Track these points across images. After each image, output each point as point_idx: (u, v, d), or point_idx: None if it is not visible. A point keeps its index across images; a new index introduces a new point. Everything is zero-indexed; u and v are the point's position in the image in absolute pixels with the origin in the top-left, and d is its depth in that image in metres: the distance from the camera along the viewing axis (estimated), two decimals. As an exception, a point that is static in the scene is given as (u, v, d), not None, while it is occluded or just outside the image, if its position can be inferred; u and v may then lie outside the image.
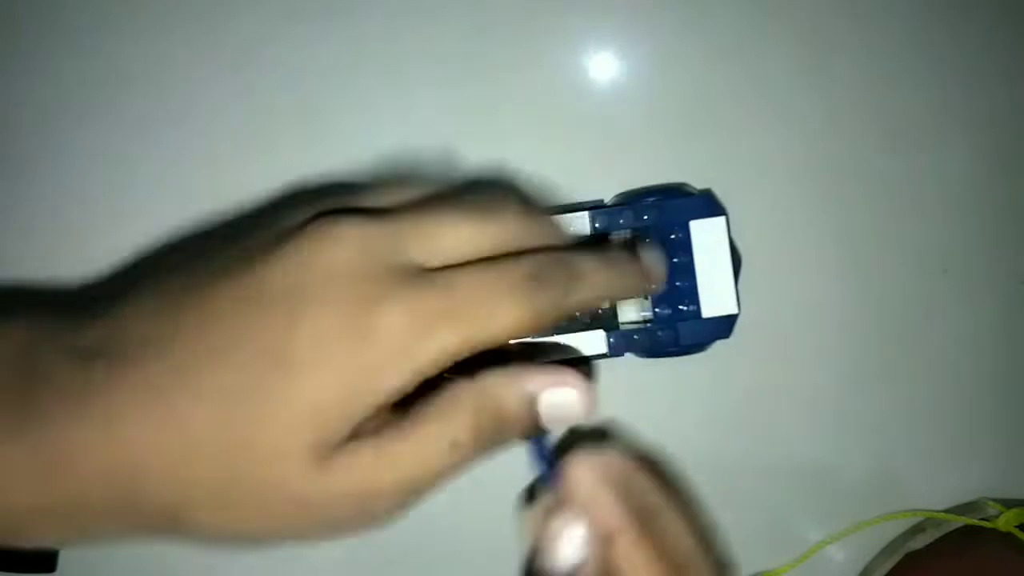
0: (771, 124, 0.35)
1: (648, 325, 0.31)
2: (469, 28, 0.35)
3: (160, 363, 0.20)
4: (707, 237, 0.31)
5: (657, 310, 0.31)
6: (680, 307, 0.31)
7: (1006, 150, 0.36)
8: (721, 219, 0.31)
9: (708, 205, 0.31)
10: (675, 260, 0.31)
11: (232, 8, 0.34)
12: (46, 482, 0.20)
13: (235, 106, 0.34)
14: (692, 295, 0.31)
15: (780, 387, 0.36)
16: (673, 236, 0.31)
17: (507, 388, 0.23)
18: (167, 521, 0.21)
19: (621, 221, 0.31)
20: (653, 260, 0.28)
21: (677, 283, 0.31)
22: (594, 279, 0.24)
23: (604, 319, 0.32)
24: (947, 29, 0.36)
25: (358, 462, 0.21)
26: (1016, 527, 0.34)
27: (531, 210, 0.25)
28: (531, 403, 0.23)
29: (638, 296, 0.31)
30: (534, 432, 0.24)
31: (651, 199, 0.32)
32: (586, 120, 0.35)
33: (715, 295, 0.31)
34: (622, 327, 0.32)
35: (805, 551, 0.36)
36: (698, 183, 0.34)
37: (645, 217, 0.31)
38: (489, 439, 0.23)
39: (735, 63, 0.35)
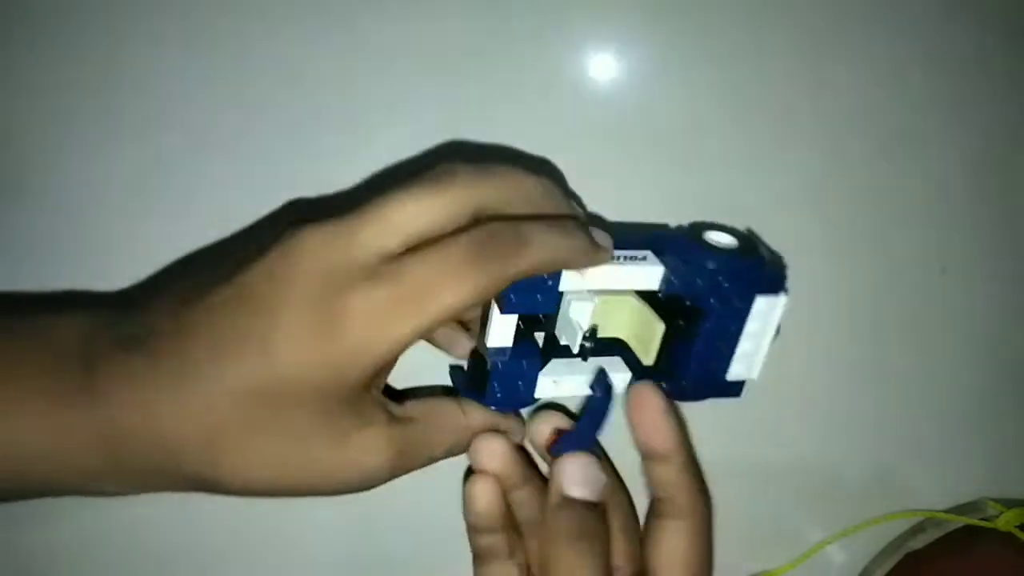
0: (772, 125, 0.35)
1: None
2: (468, 31, 0.34)
3: (179, 356, 0.24)
4: (765, 311, 0.30)
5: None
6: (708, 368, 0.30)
7: (1005, 151, 0.36)
8: (783, 297, 0.30)
9: (776, 281, 0.30)
10: (730, 327, 0.30)
11: (228, 6, 0.34)
12: (105, 450, 0.24)
13: (231, 105, 0.34)
14: (722, 359, 0.30)
15: (780, 387, 0.36)
16: (735, 303, 0.29)
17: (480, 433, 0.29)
18: (203, 482, 0.25)
19: (699, 282, 0.29)
20: (601, 234, 0.28)
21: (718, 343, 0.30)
22: (540, 245, 0.25)
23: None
24: (949, 32, 0.36)
25: (378, 419, 0.26)
26: (1016, 527, 0.34)
27: (483, 172, 0.26)
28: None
29: (584, 266, 0.28)
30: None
31: (722, 261, 0.29)
32: (589, 126, 0.35)
33: (743, 363, 0.30)
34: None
35: (805, 551, 0.36)
36: (698, 182, 0.34)
37: (723, 283, 0.29)
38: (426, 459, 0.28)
39: (736, 64, 0.35)
